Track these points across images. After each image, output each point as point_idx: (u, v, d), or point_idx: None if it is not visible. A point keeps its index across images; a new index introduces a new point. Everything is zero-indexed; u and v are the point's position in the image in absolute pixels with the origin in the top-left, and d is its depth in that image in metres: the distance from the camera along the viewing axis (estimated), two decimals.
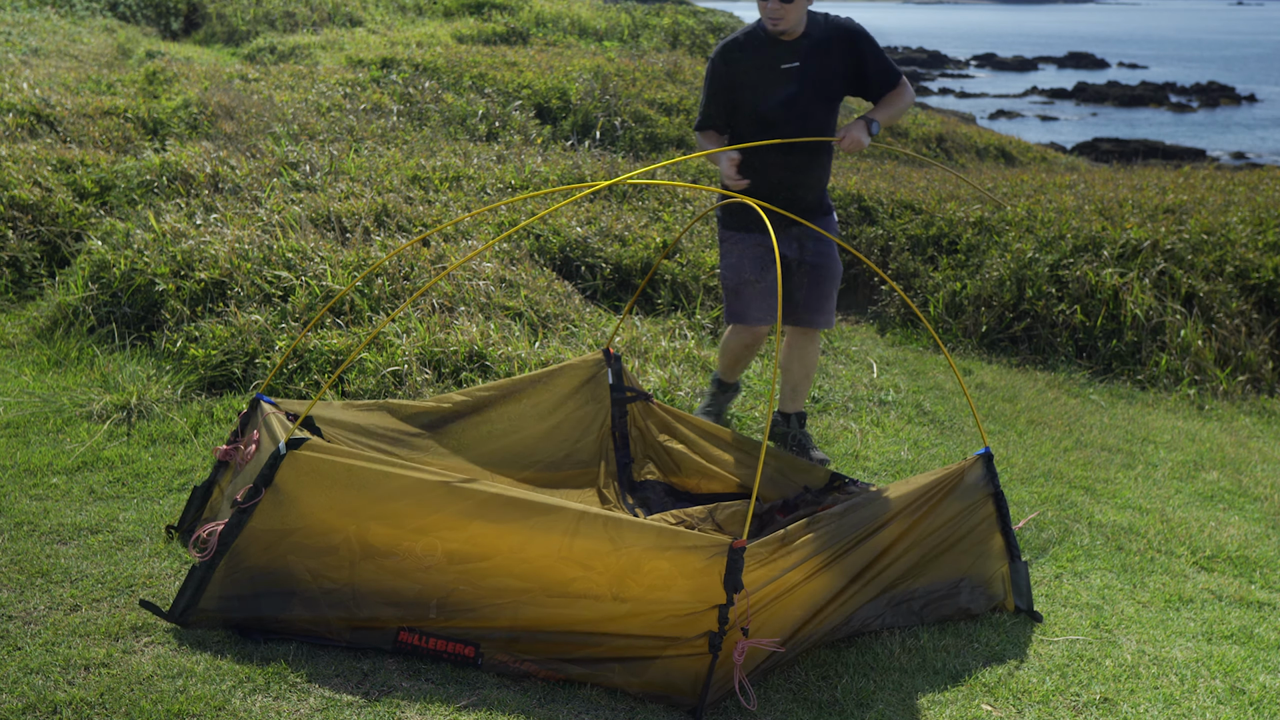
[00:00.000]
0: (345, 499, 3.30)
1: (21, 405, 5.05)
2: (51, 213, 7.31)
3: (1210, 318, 7.23)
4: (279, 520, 3.31)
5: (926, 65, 53.61)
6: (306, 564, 3.32)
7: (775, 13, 4.33)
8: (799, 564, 3.25)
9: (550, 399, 4.45)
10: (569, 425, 4.46)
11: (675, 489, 4.46)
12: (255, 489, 3.29)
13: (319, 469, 3.31)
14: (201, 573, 3.30)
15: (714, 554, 3.08)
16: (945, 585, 3.63)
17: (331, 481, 3.31)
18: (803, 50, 4.43)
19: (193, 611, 3.31)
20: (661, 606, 3.14)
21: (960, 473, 3.66)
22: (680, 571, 3.12)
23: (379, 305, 5.74)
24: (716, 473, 4.37)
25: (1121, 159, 20.47)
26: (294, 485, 3.31)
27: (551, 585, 3.22)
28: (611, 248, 6.98)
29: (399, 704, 3.05)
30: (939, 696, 3.23)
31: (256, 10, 18.29)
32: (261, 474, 3.30)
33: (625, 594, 3.17)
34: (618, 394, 4.55)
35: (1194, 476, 5.30)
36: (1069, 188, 9.43)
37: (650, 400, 4.59)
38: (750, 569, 3.10)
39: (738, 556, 3.06)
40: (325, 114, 9.92)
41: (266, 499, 3.29)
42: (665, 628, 3.15)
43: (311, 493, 3.31)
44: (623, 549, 3.18)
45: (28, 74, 10.96)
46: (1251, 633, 3.74)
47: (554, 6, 18.99)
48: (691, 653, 3.12)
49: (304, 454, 3.32)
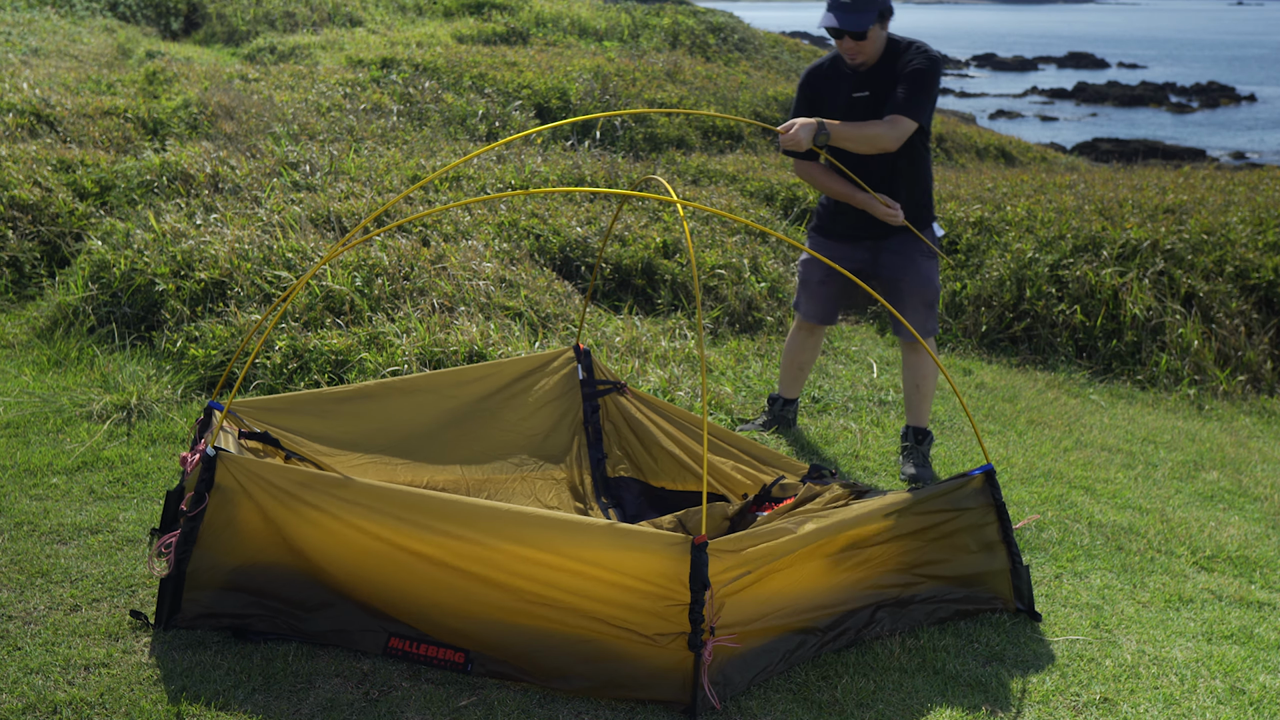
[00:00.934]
0: (277, 507, 3.27)
1: (21, 405, 5.05)
2: (51, 213, 7.30)
3: (1210, 318, 7.23)
4: (230, 523, 3.28)
5: None
6: (276, 566, 3.30)
7: (850, 50, 4.43)
8: (771, 557, 3.19)
9: (519, 394, 4.42)
10: (538, 420, 4.43)
11: (651, 488, 4.43)
12: (198, 496, 3.26)
13: (253, 470, 3.28)
14: (171, 584, 3.30)
15: (677, 552, 3.02)
16: (946, 595, 3.61)
17: (263, 487, 3.27)
18: (875, 80, 4.52)
19: (177, 618, 3.30)
20: (628, 610, 3.07)
21: (960, 488, 3.62)
22: (645, 571, 3.04)
23: (379, 305, 5.74)
24: (693, 468, 4.31)
25: (1121, 159, 20.46)
26: (235, 488, 3.27)
27: (518, 591, 3.15)
28: (611, 248, 6.98)
29: (399, 704, 3.05)
30: (939, 696, 3.22)
31: (256, 10, 18.29)
32: (201, 479, 3.26)
33: (590, 596, 3.10)
34: (588, 389, 4.52)
35: (1194, 476, 5.30)
36: (1069, 188, 9.43)
37: (624, 390, 4.52)
38: (718, 563, 3.04)
39: (701, 553, 3.00)
40: (325, 114, 9.92)
41: (212, 503, 3.27)
42: (637, 628, 3.08)
43: (248, 500, 3.28)
44: (584, 550, 3.11)
45: (28, 74, 10.95)
46: (1251, 633, 3.73)
47: (554, 6, 18.98)
48: (671, 654, 3.06)
49: (236, 457, 3.29)
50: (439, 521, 3.20)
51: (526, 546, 3.15)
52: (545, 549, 3.14)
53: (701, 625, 3.01)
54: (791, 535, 3.25)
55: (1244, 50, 73.11)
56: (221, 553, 3.30)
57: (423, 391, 4.27)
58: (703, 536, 3.03)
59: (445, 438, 4.27)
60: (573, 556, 3.12)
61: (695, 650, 3.02)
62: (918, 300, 4.73)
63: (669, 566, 3.03)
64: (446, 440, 4.27)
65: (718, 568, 3.06)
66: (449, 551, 3.19)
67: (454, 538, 3.18)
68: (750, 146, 12.73)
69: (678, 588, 3.03)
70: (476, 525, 3.18)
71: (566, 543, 3.14)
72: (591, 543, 3.13)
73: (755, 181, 9.53)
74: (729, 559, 3.10)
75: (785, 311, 7.04)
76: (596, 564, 3.10)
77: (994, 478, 3.64)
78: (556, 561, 3.13)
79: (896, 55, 4.53)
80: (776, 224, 8.40)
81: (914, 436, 4.90)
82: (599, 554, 3.11)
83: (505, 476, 4.33)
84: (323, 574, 3.32)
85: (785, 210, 9.06)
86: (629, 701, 3.10)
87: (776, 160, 11.15)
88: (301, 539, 3.30)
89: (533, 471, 4.38)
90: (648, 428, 4.44)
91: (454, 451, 4.27)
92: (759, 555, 3.17)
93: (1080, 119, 36.39)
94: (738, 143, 12.75)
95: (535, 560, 3.14)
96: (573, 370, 4.52)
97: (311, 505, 3.27)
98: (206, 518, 3.28)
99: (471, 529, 3.18)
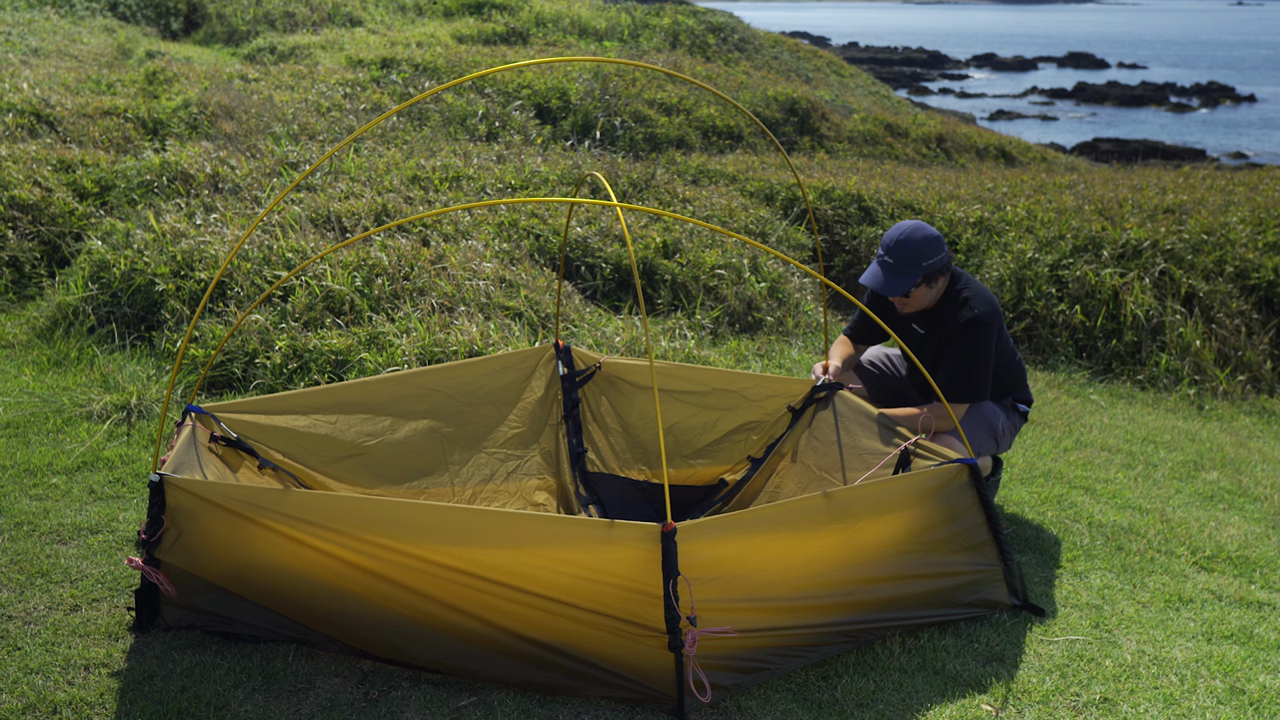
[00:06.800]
0: (225, 526, 3.21)
1: (21, 405, 5.05)
2: (51, 213, 7.31)
3: (1210, 318, 7.23)
4: (190, 541, 3.23)
5: (926, 65, 53.61)
6: (243, 575, 3.26)
7: (899, 303, 4.25)
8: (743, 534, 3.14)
9: (500, 392, 4.43)
10: (521, 418, 4.45)
11: (634, 482, 4.45)
12: (154, 520, 3.22)
13: (197, 491, 3.21)
14: (148, 597, 3.29)
15: (647, 542, 2.96)
16: (940, 590, 3.60)
17: (210, 507, 3.20)
18: (932, 322, 4.28)
19: (158, 620, 3.30)
20: (606, 606, 3.02)
21: (942, 477, 3.56)
22: (615, 563, 2.99)
23: (379, 305, 5.74)
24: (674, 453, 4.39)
25: (1121, 159, 20.47)
26: (194, 506, 3.21)
27: (488, 596, 3.09)
28: (611, 248, 6.98)
29: (399, 704, 3.05)
30: (939, 696, 3.22)
31: (256, 10, 18.30)
32: (153, 503, 3.21)
33: (562, 596, 3.05)
34: (568, 383, 4.53)
35: (1194, 476, 5.30)
36: (1069, 188, 9.43)
37: (600, 367, 4.53)
38: (689, 547, 2.99)
39: (670, 541, 2.94)
40: (325, 114, 9.92)
41: (176, 520, 3.22)
42: (614, 626, 3.04)
43: (210, 514, 3.21)
44: (553, 547, 3.05)
45: (28, 74, 10.96)
46: (1251, 633, 3.73)
47: (554, 6, 18.99)
48: (652, 652, 3.02)
49: (181, 480, 3.22)
50: (392, 533, 3.08)
51: (484, 547, 3.05)
52: (516, 548, 3.05)
53: (679, 623, 2.95)
54: (769, 517, 3.21)
55: (1244, 50, 73.09)
56: (192, 565, 3.26)
57: (407, 394, 4.24)
58: (671, 525, 2.96)
59: (429, 438, 4.27)
60: (548, 557, 3.04)
61: (675, 650, 2.98)
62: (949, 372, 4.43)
63: (640, 557, 2.96)
64: (431, 441, 4.27)
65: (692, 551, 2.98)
66: (400, 568, 3.09)
67: (403, 550, 3.07)
68: (750, 147, 12.73)
69: (651, 580, 2.96)
70: (431, 533, 3.07)
71: (540, 542, 3.06)
72: (556, 541, 3.05)
73: (755, 181, 9.52)
74: (702, 544, 3.03)
75: (785, 311, 7.04)
76: (571, 563, 3.03)
77: (977, 472, 3.58)
78: (532, 562, 3.04)
79: (954, 304, 4.19)
80: (776, 224, 8.39)
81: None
82: (569, 553, 3.03)
83: (489, 473, 4.34)
84: (277, 596, 3.24)
85: (785, 210, 9.06)
86: (627, 702, 3.10)
87: (776, 160, 11.15)
88: (254, 557, 3.21)
89: (516, 469, 4.40)
90: (631, 394, 4.48)
91: (438, 453, 4.27)
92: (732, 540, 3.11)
93: (1080, 119, 36.39)
94: (738, 143, 12.75)
95: (501, 566, 3.04)
96: (554, 367, 4.54)
97: (258, 524, 3.16)
98: (169, 537, 3.22)
99: (427, 537, 3.07)
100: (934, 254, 4.08)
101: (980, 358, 4.13)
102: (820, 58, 21.80)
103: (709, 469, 4.48)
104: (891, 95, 22.12)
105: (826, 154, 13.54)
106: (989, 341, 4.13)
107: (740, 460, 4.46)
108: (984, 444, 4.26)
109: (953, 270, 4.24)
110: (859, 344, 4.59)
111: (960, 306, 4.17)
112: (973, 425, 4.23)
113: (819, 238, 8.22)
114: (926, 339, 4.31)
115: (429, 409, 4.28)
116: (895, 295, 4.15)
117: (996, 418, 4.29)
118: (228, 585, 3.27)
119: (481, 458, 4.35)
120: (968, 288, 4.20)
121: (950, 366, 4.14)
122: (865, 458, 3.99)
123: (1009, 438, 4.38)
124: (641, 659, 3.05)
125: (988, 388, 4.19)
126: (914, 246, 4.06)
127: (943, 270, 4.15)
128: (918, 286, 4.13)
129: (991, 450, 4.32)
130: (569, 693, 3.11)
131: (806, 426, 4.32)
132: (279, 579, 3.21)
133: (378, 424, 4.16)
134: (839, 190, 9.13)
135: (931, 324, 4.27)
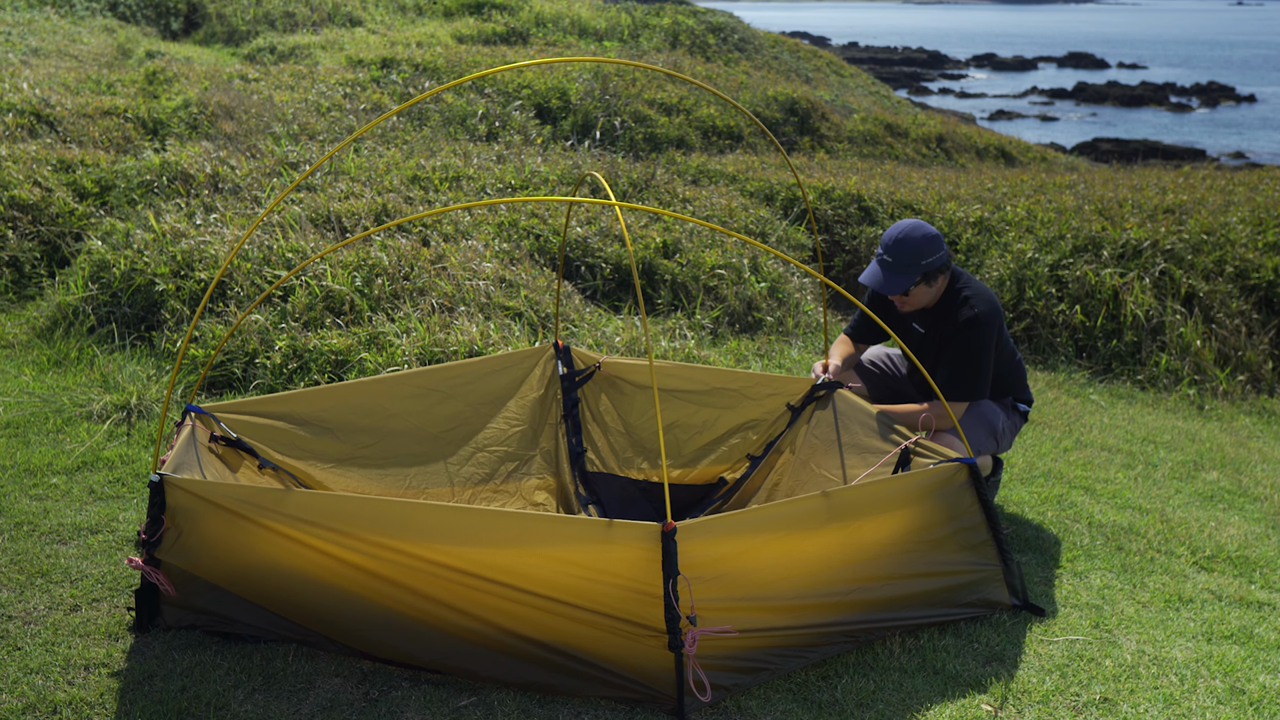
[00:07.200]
0: (225, 526, 3.21)
1: (21, 405, 5.05)
2: (51, 213, 7.31)
3: (1210, 318, 7.23)
4: (190, 542, 3.23)
5: (926, 65, 53.61)
6: (243, 575, 3.26)
7: (898, 301, 4.25)
8: (744, 533, 3.14)
9: (501, 393, 4.43)
10: (521, 418, 4.45)
11: (634, 481, 4.45)
12: (154, 520, 3.22)
13: (197, 491, 3.21)
14: (147, 597, 3.29)
15: (647, 541, 2.96)
16: (940, 590, 3.60)
17: (210, 506, 3.20)
18: (932, 321, 4.28)
19: (157, 625, 3.30)
20: (606, 606, 3.01)
21: (941, 476, 3.56)
22: (615, 563, 2.98)
23: (379, 305, 5.74)
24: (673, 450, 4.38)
25: (1121, 159, 20.48)
26: (194, 505, 3.20)
27: (488, 596, 3.09)
28: (611, 248, 6.98)
29: (399, 704, 3.05)
30: (939, 696, 3.22)
31: (256, 10, 18.30)
32: (153, 503, 3.21)
33: (562, 596, 3.04)
34: (568, 383, 4.53)
35: (1194, 476, 5.30)
36: (1069, 188, 9.43)
37: (599, 367, 4.53)
38: (689, 546, 2.98)
39: (670, 540, 2.94)
40: (325, 114, 9.92)
41: (177, 521, 3.22)
42: (614, 626, 3.03)
43: (210, 514, 3.21)
44: (552, 546, 3.04)
45: (28, 74, 10.96)
46: (1251, 633, 3.73)
47: (554, 6, 18.99)
48: (652, 652, 3.02)
49: (181, 480, 3.22)
50: (392, 533, 3.07)
51: (484, 547, 3.04)
52: (516, 548, 3.04)
53: (679, 623, 2.95)
54: (768, 516, 3.21)
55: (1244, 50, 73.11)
56: (192, 565, 3.26)
57: (407, 394, 4.24)
58: (671, 524, 2.96)
59: (429, 438, 4.27)
60: (548, 557, 3.04)
61: (675, 650, 2.98)
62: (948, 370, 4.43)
63: (639, 556, 2.95)
64: (431, 441, 4.27)
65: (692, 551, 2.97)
66: (400, 568, 3.08)
67: (403, 550, 3.07)
68: (750, 147, 12.73)
69: (651, 579, 2.96)
70: (431, 533, 3.07)
71: (539, 542, 3.05)
72: (556, 540, 3.04)
73: (755, 181, 9.52)
74: (703, 543, 3.03)
75: (785, 311, 7.04)
76: (571, 562, 3.02)
77: (977, 472, 3.59)
78: (532, 562, 3.04)
79: (954, 303, 4.19)
80: (776, 224, 8.40)
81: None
82: (569, 552, 3.02)
83: (489, 473, 4.34)
84: (277, 596, 3.24)
85: (785, 210, 9.06)
86: (627, 702, 3.10)
87: (776, 160, 11.15)
88: (254, 557, 3.20)
89: (515, 469, 4.40)
90: (629, 394, 4.48)
91: (438, 453, 4.27)
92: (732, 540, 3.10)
93: (1080, 119, 36.40)
94: (738, 143, 12.75)
95: (501, 565, 3.03)
96: (553, 367, 4.54)
97: (258, 524, 3.16)
98: (169, 537, 3.23)
99: (427, 537, 3.07)
100: (933, 252, 4.08)
101: (980, 356, 4.13)
102: (820, 58, 21.81)
103: (709, 468, 4.48)
104: (891, 95, 22.13)
105: (826, 154, 13.55)
106: (989, 340, 4.13)
107: (740, 459, 4.47)
108: (984, 443, 4.26)
109: (953, 269, 4.23)
110: (859, 343, 4.59)
111: (961, 305, 4.17)
112: (972, 424, 4.23)
113: (819, 238, 8.21)
114: (926, 338, 4.31)
115: (429, 409, 4.28)
116: (894, 294, 4.14)
117: (996, 417, 4.29)
118: (228, 585, 3.27)
119: (481, 457, 4.35)
120: (968, 286, 4.20)
121: (950, 365, 4.14)
122: (865, 456, 3.99)
123: (1009, 437, 4.38)
124: (641, 659, 3.05)
125: (987, 386, 4.19)
126: (913, 245, 4.06)
127: (942, 269, 4.15)
128: (917, 285, 4.13)
129: (991, 449, 4.32)
130: (569, 693, 3.10)
131: (806, 424, 4.33)
132: (279, 579, 3.22)
133: (378, 424, 4.16)
134: (839, 190, 9.13)
135: (932, 323, 4.27)
